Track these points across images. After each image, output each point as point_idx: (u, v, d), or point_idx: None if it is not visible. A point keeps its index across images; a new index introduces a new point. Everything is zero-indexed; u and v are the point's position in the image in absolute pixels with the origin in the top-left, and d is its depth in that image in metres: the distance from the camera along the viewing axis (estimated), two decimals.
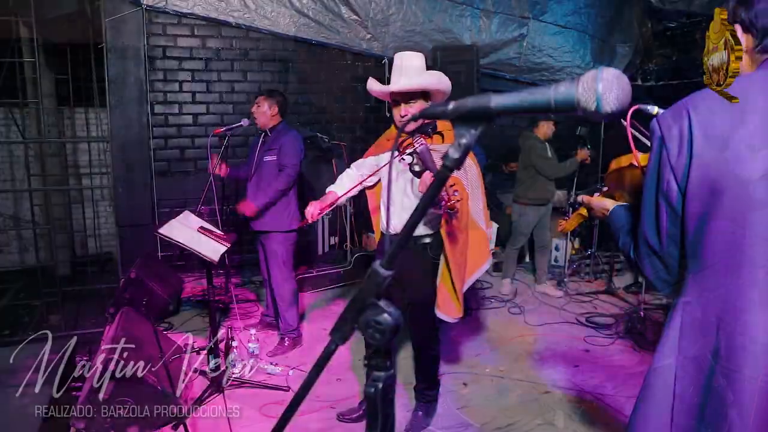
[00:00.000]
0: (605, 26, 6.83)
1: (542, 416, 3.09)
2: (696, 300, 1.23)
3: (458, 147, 0.71)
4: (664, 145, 1.22)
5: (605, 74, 0.65)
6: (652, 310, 4.63)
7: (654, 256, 1.30)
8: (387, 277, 0.76)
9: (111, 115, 5.26)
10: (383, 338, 0.75)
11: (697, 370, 1.21)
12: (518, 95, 0.70)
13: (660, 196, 1.25)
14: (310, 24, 5.71)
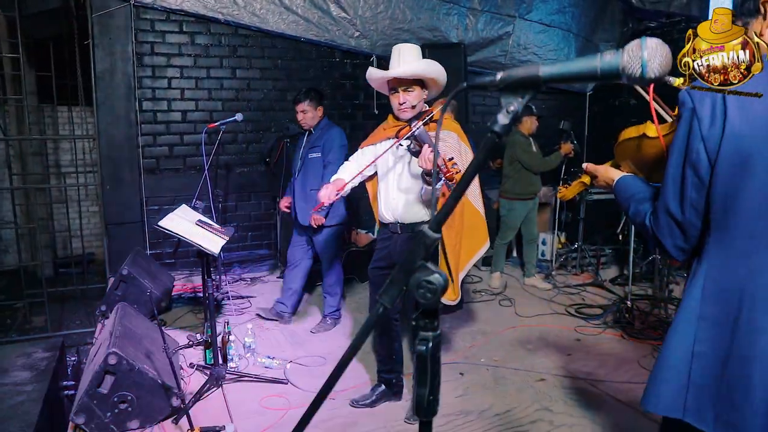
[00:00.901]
0: (589, 25, 6.96)
1: (539, 402, 3.16)
2: (721, 266, 1.27)
3: (506, 114, 0.76)
4: (696, 116, 1.24)
5: (650, 43, 0.70)
6: (639, 300, 4.75)
7: (674, 224, 1.32)
8: (435, 240, 0.80)
9: (98, 112, 5.21)
10: (434, 297, 0.79)
11: (718, 332, 1.26)
12: (565, 64, 0.74)
13: (687, 165, 1.27)
14: (299, 21, 5.73)
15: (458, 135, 2.82)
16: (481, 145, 0.79)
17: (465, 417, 3.01)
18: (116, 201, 5.35)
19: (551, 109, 7.57)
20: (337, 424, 2.92)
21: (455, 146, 2.76)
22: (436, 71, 2.74)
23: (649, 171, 1.67)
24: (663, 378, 1.35)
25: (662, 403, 1.35)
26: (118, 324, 3.11)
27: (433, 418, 2.71)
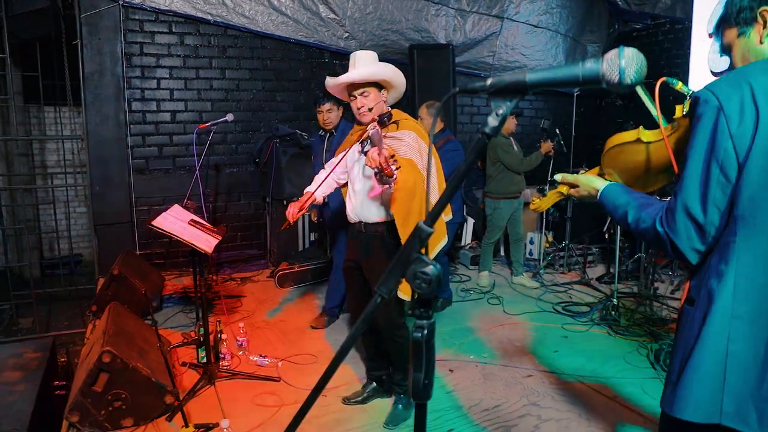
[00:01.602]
0: (576, 26, 7.07)
1: (526, 397, 3.22)
2: (753, 265, 1.26)
3: (496, 116, 0.81)
4: (723, 113, 1.23)
5: (627, 52, 0.76)
6: (625, 298, 4.85)
7: (693, 225, 1.29)
8: (429, 234, 0.86)
9: (87, 113, 5.22)
10: (429, 287, 0.85)
11: (756, 330, 1.25)
12: (549, 71, 0.80)
13: (712, 164, 1.25)
14: (288, 22, 5.77)
15: (417, 134, 2.82)
16: (471, 145, 0.84)
17: (455, 413, 3.07)
18: (105, 202, 5.36)
19: (539, 110, 7.68)
20: (330, 420, 2.96)
21: (413, 145, 2.77)
22: (388, 73, 2.79)
23: (635, 179, 1.67)
24: (695, 382, 1.30)
25: (697, 410, 1.30)
26: (111, 323, 3.13)
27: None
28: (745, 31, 1.36)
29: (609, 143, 1.67)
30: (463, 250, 6.26)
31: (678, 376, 1.36)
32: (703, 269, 1.35)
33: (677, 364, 1.39)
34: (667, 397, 1.39)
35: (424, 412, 0.94)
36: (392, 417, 2.99)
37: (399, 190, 2.60)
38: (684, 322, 1.41)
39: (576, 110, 7.85)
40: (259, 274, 5.71)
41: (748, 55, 1.37)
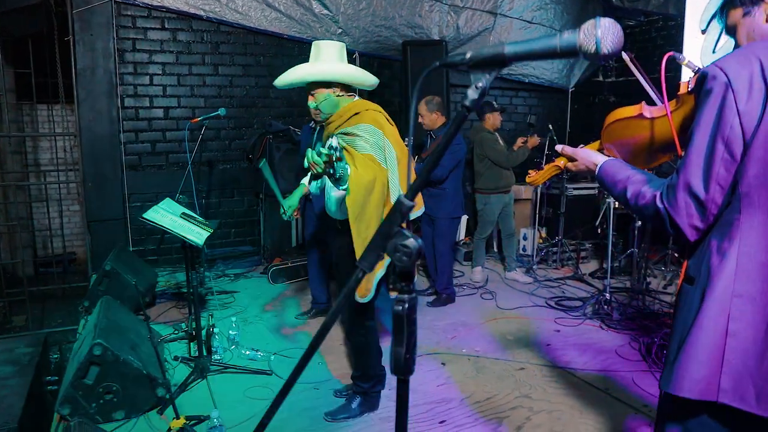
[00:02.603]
0: (571, 22, 7.08)
1: (518, 390, 3.23)
2: (756, 243, 1.25)
3: (475, 89, 0.82)
4: (731, 89, 1.21)
5: (603, 22, 0.77)
6: (617, 293, 4.87)
7: (694, 202, 1.28)
8: (410, 207, 0.86)
9: (79, 109, 5.20)
10: (409, 260, 0.85)
11: (757, 309, 1.24)
12: (528, 43, 0.80)
13: (718, 141, 1.24)
14: (282, 18, 5.76)
15: (374, 125, 2.64)
16: (452, 118, 0.85)
17: (446, 405, 3.07)
18: (98, 198, 5.34)
19: (533, 106, 7.69)
20: (321, 412, 2.96)
21: (370, 138, 2.62)
22: (312, 75, 2.69)
23: (634, 156, 1.65)
24: (693, 360, 1.30)
25: (693, 387, 1.29)
26: (103, 317, 3.12)
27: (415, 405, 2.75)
28: (751, 10, 1.36)
29: (609, 118, 1.63)
30: (457, 246, 6.27)
31: (677, 353, 1.35)
32: (702, 247, 1.35)
33: (676, 343, 1.38)
34: (665, 375, 1.38)
35: (406, 388, 0.94)
36: (335, 410, 2.95)
37: (353, 186, 2.47)
38: (683, 301, 1.40)
39: (570, 107, 7.86)
40: (252, 270, 5.70)
41: (753, 35, 1.37)
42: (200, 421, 2.77)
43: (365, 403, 2.97)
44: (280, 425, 2.82)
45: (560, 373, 3.47)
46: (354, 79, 2.74)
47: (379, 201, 2.57)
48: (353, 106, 2.70)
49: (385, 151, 2.62)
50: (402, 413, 0.96)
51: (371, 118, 2.66)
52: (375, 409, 2.99)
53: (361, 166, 2.52)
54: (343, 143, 2.67)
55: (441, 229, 4.70)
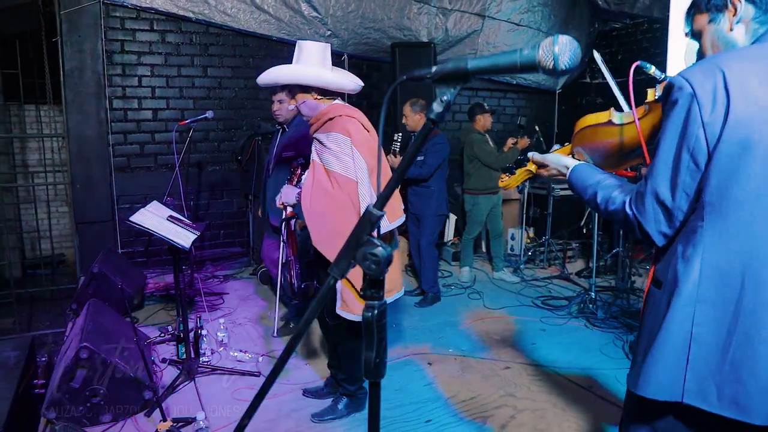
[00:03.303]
0: (559, 24, 7.13)
1: (503, 389, 3.27)
2: (718, 250, 1.28)
3: (440, 102, 0.85)
4: (696, 100, 1.24)
5: (560, 39, 0.80)
6: (602, 292, 4.93)
7: (662, 209, 1.32)
8: (380, 217, 0.89)
9: (67, 111, 5.19)
10: (378, 269, 0.88)
11: (719, 313, 1.28)
12: (490, 58, 0.84)
13: (683, 151, 1.27)
14: (270, 20, 5.77)
15: (342, 132, 2.61)
16: (418, 131, 0.88)
17: (433, 404, 3.11)
18: (86, 200, 5.33)
19: (521, 107, 7.75)
20: (308, 414, 2.98)
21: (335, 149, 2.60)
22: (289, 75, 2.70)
23: (604, 160, 1.67)
24: (659, 362, 1.33)
25: (660, 388, 1.33)
26: (90, 320, 3.13)
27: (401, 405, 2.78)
28: (716, 17, 1.39)
29: (579, 124, 1.66)
30: (445, 246, 6.31)
31: (644, 355, 1.38)
32: (669, 252, 1.38)
33: (643, 345, 1.42)
34: (633, 376, 1.41)
35: (378, 391, 0.97)
36: (322, 411, 2.98)
37: (312, 216, 2.57)
38: (651, 304, 1.43)
39: (557, 108, 7.92)
40: (241, 272, 5.72)
41: (717, 42, 1.39)
42: (187, 423, 2.79)
43: (352, 405, 3.00)
44: (267, 427, 2.85)
45: (545, 371, 3.51)
46: (329, 84, 2.68)
47: (350, 218, 2.56)
48: (330, 109, 2.68)
49: (353, 161, 2.59)
50: (375, 414, 0.99)
51: (340, 125, 2.63)
52: (361, 410, 3.02)
53: (317, 197, 2.59)
54: (314, 155, 2.70)
55: (426, 227, 4.76)
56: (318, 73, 2.65)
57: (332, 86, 2.69)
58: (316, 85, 2.66)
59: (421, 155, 4.59)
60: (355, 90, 2.78)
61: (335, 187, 2.58)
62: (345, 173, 2.60)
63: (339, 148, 2.59)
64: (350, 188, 2.58)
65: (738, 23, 1.36)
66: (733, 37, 1.37)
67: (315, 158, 2.70)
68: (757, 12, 1.33)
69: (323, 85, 2.67)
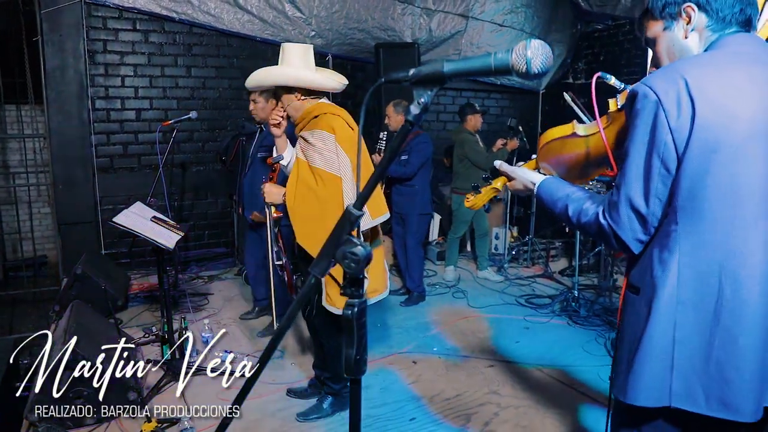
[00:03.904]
0: (542, 25, 7.19)
1: (487, 387, 3.31)
2: (693, 253, 1.30)
3: (417, 105, 0.87)
4: (662, 108, 1.26)
5: (533, 44, 0.83)
6: (585, 290, 4.99)
7: (636, 217, 1.33)
8: (359, 216, 0.91)
9: (49, 111, 5.14)
10: (358, 267, 0.90)
11: (699, 315, 1.29)
12: (465, 62, 0.86)
13: (654, 157, 1.28)
14: (254, 21, 5.76)
15: (326, 130, 2.63)
16: (397, 133, 0.90)
17: (417, 402, 3.14)
18: (69, 201, 5.29)
19: (504, 108, 7.80)
20: (293, 413, 2.99)
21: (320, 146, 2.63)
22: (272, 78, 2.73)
23: (570, 172, 1.69)
24: (646, 369, 1.34)
25: (648, 395, 1.33)
26: (73, 321, 3.11)
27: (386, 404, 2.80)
28: (671, 25, 1.41)
29: (544, 138, 1.67)
30: (430, 245, 6.34)
31: (628, 364, 1.39)
32: (644, 258, 1.39)
33: (625, 353, 1.42)
34: (620, 385, 1.41)
35: (358, 387, 0.99)
36: (307, 410, 3.00)
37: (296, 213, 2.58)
38: (630, 311, 1.43)
39: (541, 108, 7.99)
40: (226, 272, 5.71)
41: (673, 49, 1.42)
42: (172, 424, 2.79)
43: (337, 403, 3.01)
44: (251, 426, 2.86)
45: (528, 369, 3.56)
46: (311, 84, 2.71)
47: (335, 214, 2.54)
48: (315, 108, 2.73)
49: (338, 157, 2.62)
50: (356, 411, 1.01)
51: (326, 123, 2.66)
52: (346, 409, 3.01)
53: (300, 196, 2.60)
54: (299, 152, 2.72)
55: (411, 226, 4.79)
56: (299, 74, 2.69)
57: (314, 86, 2.72)
58: (298, 85, 2.70)
59: (404, 154, 4.63)
60: (338, 89, 2.81)
61: (319, 184, 2.61)
62: (329, 170, 2.63)
63: (323, 145, 2.62)
64: (334, 184, 2.61)
65: (692, 31, 1.39)
66: (687, 44, 1.39)
67: (299, 155, 2.72)
68: (709, 21, 1.36)
69: (305, 85, 2.71)
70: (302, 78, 2.69)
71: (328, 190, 2.60)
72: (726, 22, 1.35)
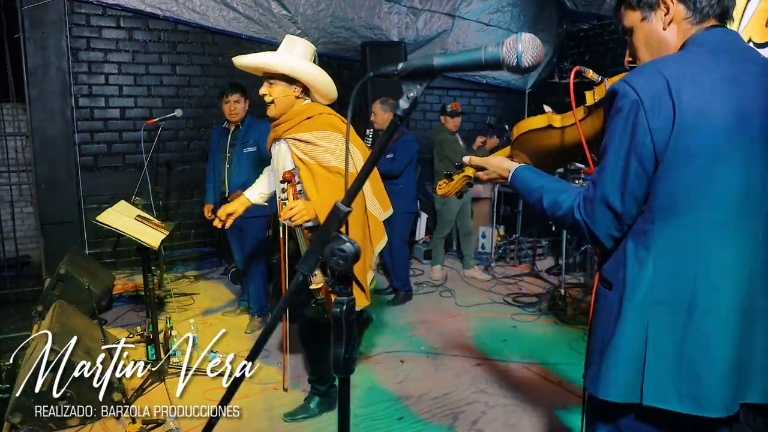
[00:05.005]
0: (528, 25, 7.21)
1: (475, 385, 3.31)
2: (669, 254, 1.30)
3: (407, 99, 0.86)
4: (642, 107, 1.24)
5: (524, 37, 0.82)
6: (571, 288, 5.01)
7: (611, 214, 1.33)
8: (347, 213, 0.90)
9: (31, 109, 5.06)
10: (346, 264, 0.89)
11: (673, 314, 1.30)
12: (455, 56, 0.85)
13: (632, 157, 1.27)
14: (240, 18, 5.72)
15: (331, 129, 2.58)
16: (386, 127, 0.89)
17: (405, 401, 3.13)
18: (52, 200, 5.21)
19: (491, 107, 7.83)
20: (280, 413, 2.98)
21: (330, 146, 2.57)
22: (301, 70, 2.54)
23: (543, 161, 1.69)
24: (617, 364, 1.35)
25: (619, 390, 1.34)
26: (56, 321, 3.07)
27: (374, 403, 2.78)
28: (648, 15, 1.39)
29: (519, 129, 1.66)
30: (416, 244, 6.35)
31: (600, 357, 1.39)
32: (618, 253, 1.39)
33: (598, 346, 1.42)
34: (592, 378, 1.42)
35: (347, 386, 0.98)
36: (294, 410, 2.98)
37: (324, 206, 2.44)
38: (602, 305, 1.43)
39: (527, 107, 8.02)
40: (212, 272, 5.66)
41: (651, 41, 1.41)
42: (158, 424, 2.76)
43: (324, 403, 2.99)
44: (239, 427, 2.83)
45: (516, 367, 3.56)
46: (322, 85, 2.62)
47: (360, 211, 2.59)
48: (305, 108, 2.61)
49: (351, 155, 2.55)
50: (344, 409, 1.00)
51: (327, 123, 2.58)
52: (333, 408, 3.02)
53: (324, 189, 2.47)
54: (301, 155, 2.59)
55: (396, 225, 4.77)
56: (317, 72, 2.58)
57: (319, 86, 2.62)
58: (306, 79, 2.58)
59: (390, 153, 4.61)
60: (331, 99, 2.74)
61: (338, 179, 2.54)
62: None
63: (334, 145, 2.54)
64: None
65: (670, 23, 1.38)
66: (666, 36, 1.38)
67: (305, 159, 2.58)
68: (687, 12, 1.35)
69: (316, 85, 2.60)
70: (322, 79, 2.59)
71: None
72: (704, 15, 1.35)
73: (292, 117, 2.60)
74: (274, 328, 0.98)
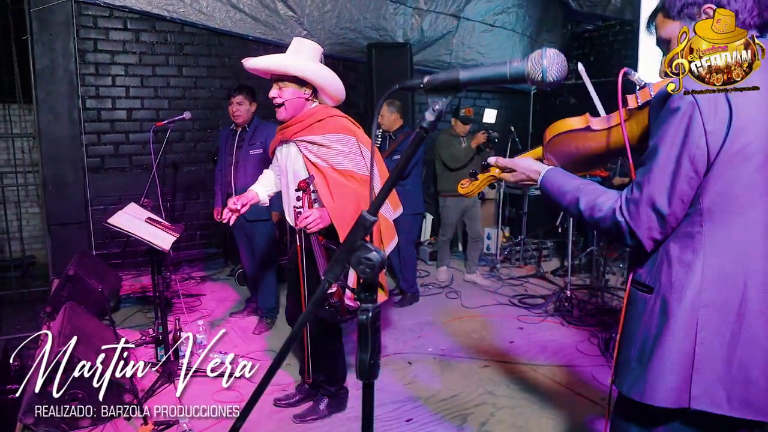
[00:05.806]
0: (533, 25, 7.22)
1: (482, 387, 3.33)
2: (719, 255, 1.30)
3: (432, 112, 0.88)
4: (698, 110, 1.24)
5: (549, 53, 0.84)
6: (578, 290, 5.02)
7: (656, 216, 1.32)
8: (373, 222, 0.91)
9: (38, 110, 5.09)
10: (372, 273, 0.91)
11: (723, 317, 1.29)
12: (480, 70, 0.87)
13: (684, 158, 1.27)
14: (246, 20, 5.74)
15: (344, 132, 2.57)
16: (411, 139, 0.91)
17: (413, 403, 3.15)
18: (59, 201, 5.23)
19: (497, 108, 7.83)
20: (290, 415, 2.99)
21: (343, 149, 2.57)
22: (310, 71, 2.54)
23: (573, 164, 1.67)
24: (666, 369, 1.33)
25: (668, 395, 1.33)
26: (67, 323, 3.09)
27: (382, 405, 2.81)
28: (688, 26, 1.36)
29: (553, 130, 1.64)
30: (422, 245, 6.36)
31: (640, 363, 1.38)
32: (658, 257, 1.38)
33: (635, 352, 1.41)
34: (632, 383, 1.40)
35: (371, 391, 0.99)
36: (304, 412, 2.99)
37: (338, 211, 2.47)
38: (641, 309, 1.42)
39: (532, 108, 8.03)
40: (219, 273, 5.68)
41: None
42: (169, 426, 2.78)
43: (333, 404, 3.01)
44: (248, 428, 2.85)
45: (523, 369, 3.58)
46: (332, 87, 2.61)
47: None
48: (316, 111, 2.61)
49: (364, 158, 2.56)
50: (368, 416, 1.01)
51: (339, 126, 2.57)
52: (343, 409, 3.04)
53: (338, 194, 2.47)
54: (314, 158, 2.58)
55: (403, 226, 4.76)
56: (329, 74, 2.58)
57: (330, 89, 2.62)
58: (317, 81, 2.57)
59: (396, 154, 4.62)
60: (339, 101, 2.74)
61: (351, 183, 2.54)
62: (359, 171, 2.56)
63: (347, 148, 2.55)
64: (367, 185, 2.51)
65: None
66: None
67: (318, 163, 2.57)
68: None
69: (327, 87, 2.60)
70: (334, 82, 2.59)
71: (363, 188, 2.53)
72: (745, 25, 1.34)
73: (303, 119, 2.60)
74: (298, 336, 0.99)
